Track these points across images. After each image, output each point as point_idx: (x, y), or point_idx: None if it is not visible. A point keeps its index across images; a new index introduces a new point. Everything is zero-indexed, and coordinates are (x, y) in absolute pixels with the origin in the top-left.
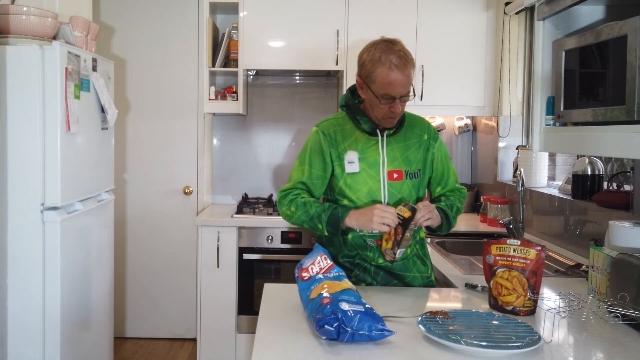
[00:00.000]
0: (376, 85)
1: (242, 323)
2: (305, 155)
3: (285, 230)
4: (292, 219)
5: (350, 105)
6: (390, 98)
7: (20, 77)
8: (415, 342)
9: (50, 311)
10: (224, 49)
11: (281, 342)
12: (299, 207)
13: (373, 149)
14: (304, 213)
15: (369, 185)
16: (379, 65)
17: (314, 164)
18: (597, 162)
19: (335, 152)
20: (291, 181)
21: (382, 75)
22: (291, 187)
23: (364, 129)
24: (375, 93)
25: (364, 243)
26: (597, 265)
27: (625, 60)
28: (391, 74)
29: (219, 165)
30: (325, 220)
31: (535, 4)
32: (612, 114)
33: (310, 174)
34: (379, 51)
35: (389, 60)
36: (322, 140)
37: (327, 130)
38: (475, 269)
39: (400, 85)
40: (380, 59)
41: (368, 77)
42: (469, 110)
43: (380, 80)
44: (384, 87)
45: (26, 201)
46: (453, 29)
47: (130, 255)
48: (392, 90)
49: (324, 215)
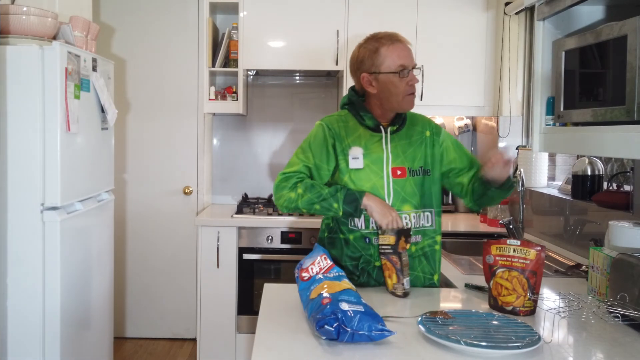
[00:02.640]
0: (388, 64)
1: (242, 323)
2: (308, 144)
3: (285, 230)
4: (296, 202)
5: (353, 101)
6: (405, 70)
7: (20, 77)
8: (415, 342)
9: (50, 311)
10: (224, 49)
11: (281, 342)
12: (308, 189)
13: (377, 145)
14: (315, 194)
15: (372, 181)
16: (380, 47)
17: (317, 155)
18: (597, 162)
19: (340, 146)
20: (294, 165)
21: (388, 51)
22: (296, 171)
23: (368, 125)
24: (390, 70)
25: (366, 243)
26: (597, 266)
27: (625, 61)
28: (395, 47)
29: (219, 165)
30: (341, 199)
31: (535, 4)
32: (612, 114)
33: (315, 163)
34: (372, 41)
35: (386, 38)
36: (326, 133)
37: (331, 125)
38: (475, 269)
39: (408, 55)
40: (378, 42)
41: (375, 64)
42: (469, 110)
43: (389, 56)
44: (396, 59)
45: (26, 201)
46: (453, 29)
47: (130, 255)
48: (404, 59)
49: (339, 195)
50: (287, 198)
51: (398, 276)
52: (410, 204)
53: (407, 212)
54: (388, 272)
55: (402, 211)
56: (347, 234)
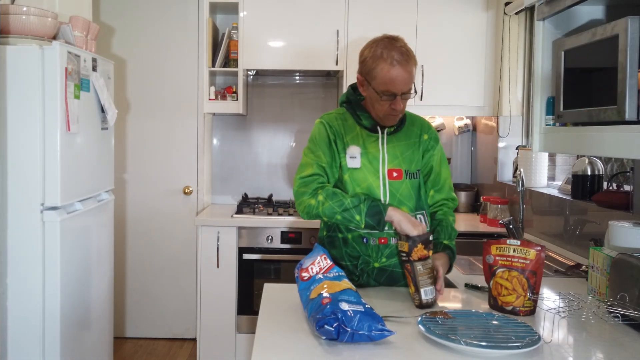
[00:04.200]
0: (377, 82)
1: (242, 323)
2: (316, 144)
3: (285, 230)
4: (317, 209)
5: (351, 100)
6: (391, 95)
7: (20, 77)
8: (415, 342)
9: (50, 311)
10: (224, 49)
11: (281, 342)
12: (329, 197)
13: (373, 146)
14: (336, 203)
15: (368, 181)
16: (381, 62)
17: (326, 153)
18: (597, 162)
19: (341, 143)
20: (308, 167)
21: (383, 71)
22: (313, 173)
23: (364, 125)
24: (376, 89)
25: (364, 243)
26: (597, 266)
27: (617, 61)
28: (392, 70)
29: (219, 165)
30: (364, 211)
31: (535, 4)
32: (605, 115)
33: (327, 162)
34: (381, 47)
35: (390, 56)
36: (328, 131)
37: (331, 122)
38: (475, 269)
39: (402, 82)
40: (382, 55)
41: (369, 74)
42: (468, 110)
43: (381, 77)
44: (385, 83)
45: (26, 201)
46: (453, 29)
47: (130, 255)
48: (393, 86)
49: (362, 206)
50: (307, 204)
51: (414, 286)
52: (406, 206)
53: None
54: (407, 280)
55: None
56: (346, 232)
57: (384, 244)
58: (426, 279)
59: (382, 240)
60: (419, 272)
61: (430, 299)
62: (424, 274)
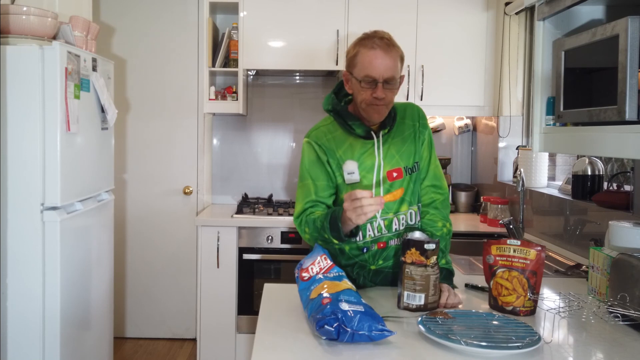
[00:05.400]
0: (358, 69)
1: (242, 323)
2: (305, 170)
3: (285, 230)
4: (311, 242)
5: (338, 110)
6: (372, 81)
7: (20, 77)
8: (415, 342)
9: (50, 311)
10: (224, 49)
11: (281, 342)
12: (309, 226)
13: (369, 154)
14: (314, 230)
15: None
16: (361, 47)
17: (318, 176)
18: (597, 162)
19: (335, 161)
20: (300, 202)
21: (363, 56)
22: (302, 210)
23: (358, 134)
24: (357, 77)
25: (362, 253)
26: (597, 266)
27: (617, 61)
28: (372, 53)
29: (219, 165)
30: (327, 228)
31: (535, 4)
32: (605, 115)
33: (317, 188)
34: (361, 39)
35: (371, 42)
36: (317, 151)
37: (319, 140)
38: (475, 269)
39: (382, 67)
40: (362, 42)
41: (351, 64)
42: (469, 110)
43: (361, 62)
44: (365, 67)
45: (26, 201)
46: (453, 29)
47: (130, 255)
48: (372, 70)
49: (325, 223)
50: (307, 240)
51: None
52: (408, 202)
53: (404, 213)
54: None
55: (400, 212)
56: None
57: (383, 248)
58: (412, 285)
59: (381, 244)
60: (407, 275)
61: (412, 305)
62: (411, 279)
